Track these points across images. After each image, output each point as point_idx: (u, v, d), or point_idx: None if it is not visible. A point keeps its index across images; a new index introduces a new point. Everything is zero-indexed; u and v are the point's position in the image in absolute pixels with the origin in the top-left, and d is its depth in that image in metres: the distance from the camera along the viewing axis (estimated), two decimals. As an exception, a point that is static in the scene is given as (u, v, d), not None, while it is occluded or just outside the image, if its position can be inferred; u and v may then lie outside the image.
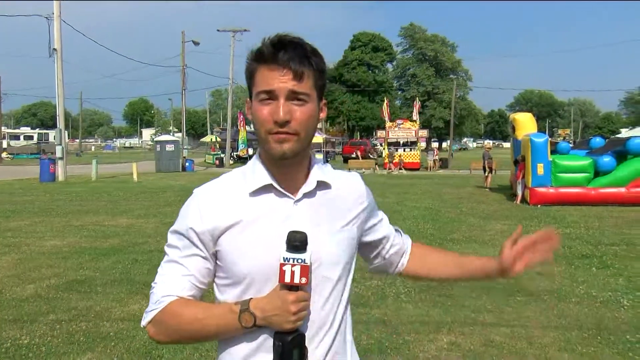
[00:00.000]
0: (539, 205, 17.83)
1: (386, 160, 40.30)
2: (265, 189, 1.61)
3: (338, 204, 1.70)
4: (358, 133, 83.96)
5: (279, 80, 1.52)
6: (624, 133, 40.20)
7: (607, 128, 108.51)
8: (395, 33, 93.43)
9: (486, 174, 25.40)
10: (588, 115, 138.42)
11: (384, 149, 43.21)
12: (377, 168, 41.01)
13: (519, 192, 19.25)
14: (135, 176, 28.83)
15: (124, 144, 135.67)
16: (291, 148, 1.55)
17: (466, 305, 6.78)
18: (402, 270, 2.01)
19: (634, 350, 5.40)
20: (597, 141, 22.31)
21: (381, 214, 1.95)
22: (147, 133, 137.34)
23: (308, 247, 1.51)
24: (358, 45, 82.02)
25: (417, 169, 40.83)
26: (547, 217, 15.28)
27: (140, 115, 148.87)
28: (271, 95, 1.53)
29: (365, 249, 1.90)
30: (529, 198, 18.39)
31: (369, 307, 6.53)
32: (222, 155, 47.76)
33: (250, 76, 1.59)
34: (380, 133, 44.78)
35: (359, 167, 39.75)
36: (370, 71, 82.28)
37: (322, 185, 1.67)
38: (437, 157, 44.02)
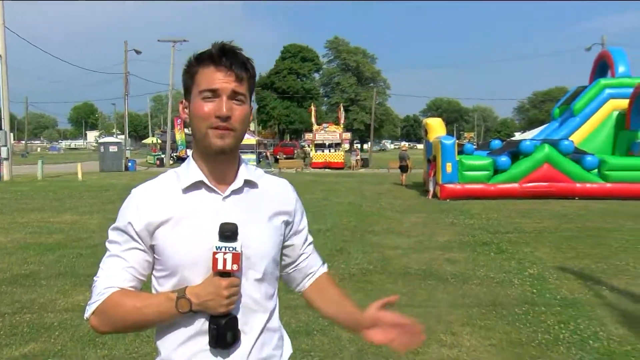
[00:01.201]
0: (448, 200, 18.15)
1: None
2: (197, 185, 1.61)
3: (265, 202, 1.69)
4: (288, 135, 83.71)
5: (223, 80, 1.54)
6: (517, 136, 41.51)
7: (504, 132, 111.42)
8: (321, 45, 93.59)
9: (401, 173, 25.79)
10: (489, 121, 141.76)
11: (311, 149, 43.33)
12: (304, 168, 41.00)
13: (431, 188, 19.55)
14: (79, 176, 27.76)
15: (69, 146, 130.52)
16: (229, 143, 1.57)
17: (384, 290, 6.88)
18: (302, 291, 1.96)
19: (520, 320, 5.69)
20: (496, 143, 22.98)
21: (307, 234, 1.91)
22: (91, 135, 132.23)
23: (238, 237, 1.51)
24: (288, 56, 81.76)
25: (342, 168, 40.92)
26: (455, 209, 15.58)
27: (84, 119, 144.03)
28: (215, 94, 1.54)
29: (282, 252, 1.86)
30: (439, 193, 18.68)
31: (297, 293, 6.56)
32: (163, 156, 46.89)
33: (191, 77, 1.60)
34: (308, 135, 44.74)
35: (290, 166, 39.74)
36: (299, 79, 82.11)
37: (249, 183, 1.67)
38: (359, 157, 44.21)
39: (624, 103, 21.71)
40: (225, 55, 1.56)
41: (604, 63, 24.89)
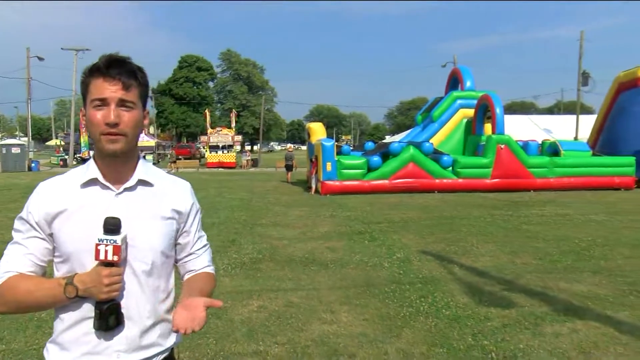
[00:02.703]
0: (328, 195, 18.40)
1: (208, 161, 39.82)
2: (93, 182, 1.60)
3: (158, 200, 1.67)
4: (185, 138, 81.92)
5: (110, 90, 1.53)
6: (388, 139, 42.84)
7: (376, 135, 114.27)
8: (215, 56, 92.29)
9: (287, 171, 25.91)
10: (363, 125, 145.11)
11: (206, 151, 42.70)
12: (200, 168, 40.33)
13: (313, 185, 19.69)
14: (-19, 176, 25.64)
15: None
16: (121, 147, 1.55)
17: (272, 276, 6.92)
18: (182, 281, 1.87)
19: (389, 297, 5.91)
20: (369, 145, 23.48)
21: (198, 237, 1.83)
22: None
23: (122, 231, 1.51)
24: (185, 65, 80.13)
25: (234, 168, 40.58)
26: (334, 203, 15.80)
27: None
28: (104, 102, 1.53)
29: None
30: (320, 189, 18.90)
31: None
32: (66, 157, 44.51)
33: (86, 87, 1.57)
34: (203, 138, 44.23)
35: (186, 166, 39.10)
36: (195, 87, 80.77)
37: (143, 182, 1.66)
38: (249, 158, 44.05)
39: (471, 112, 23.06)
40: (112, 66, 1.55)
41: (456, 78, 26.26)
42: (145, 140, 49.18)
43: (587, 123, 31.46)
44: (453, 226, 11.15)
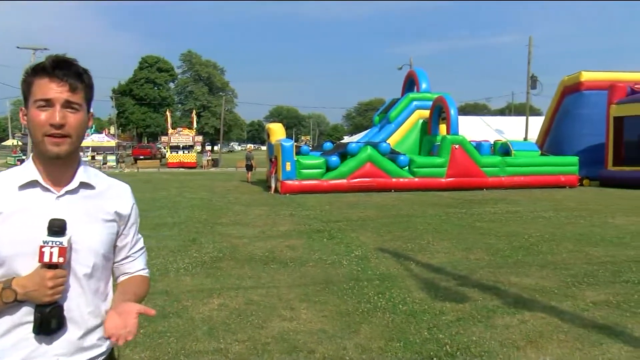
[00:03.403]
0: (287, 194, 18.37)
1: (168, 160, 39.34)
2: (32, 184, 1.54)
3: (99, 203, 1.63)
4: (145, 138, 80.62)
5: (56, 90, 1.48)
6: (346, 139, 43.06)
7: (335, 135, 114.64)
8: (176, 57, 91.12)
9: (247, 171, 25.80)
10: (322, 126, 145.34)
11: (167, 151, 42.21)
12: (161, 168, 39.82)
13: (273, 184, 19.62)
14: None
15: None
16: (65, 149, 1.50)
17: (232, 275, 6.87)
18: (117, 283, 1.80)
19: (347, 294, 5.95)
20: (328, 145, 23.63)
21: (136, 240, 1.78)
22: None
23: (67, 233, 1.46)
24: (146, 66, 78.81)
25: (194, 167, 40.22)
26: (293, 202, 15.80)
27: None
28: (49, 103, 1.48)
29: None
30: (280, 189, 18.86)
31: (153, 281, 6.25)
32: (24, 157, 43.20)
33: (28, 87, 1.52)
34: (164, 138, 43.82)
35: (147, 166, 38.53)
36: (156, 88, 79.62)
37: (85, 185, 1.60)
38: (210, 158, 43.73)
39: (426, 113, 23.41)
40: (58, 67, 1.50)
41: (412, 80, 26.61)
42: (105, 140, 48.24)
43: (536, 124, 32.35)
44: (409, 224, 11.29)
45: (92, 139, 47.94)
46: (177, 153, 40.65)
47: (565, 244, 8.97)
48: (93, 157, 40.43)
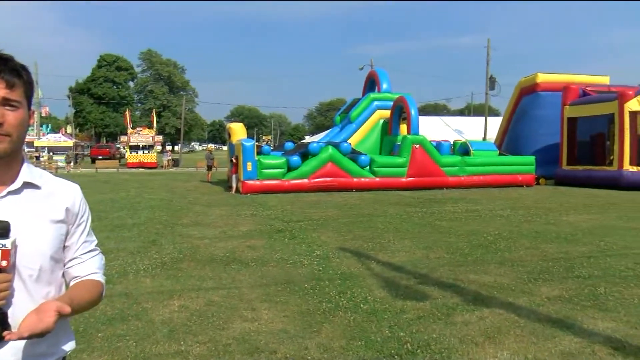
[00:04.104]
0: (248, 194, 18.28)
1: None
2: None
3: (45, 203, 1.56)
4: (104, 138, 79.09)
5: None
6: (307, 139, 43.19)
7: (296, 135, 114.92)
8: (136, 56, 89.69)
9: (208, 171, 25.60)
10: (283, 126, 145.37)
11: (126, 151, 41.61)
12: (120, 168, 39.17)
13: (234, 184, 19.58)
14: None
15: None
16: (4, 148, 1.45)
17: (193, 276, 6.80)
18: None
19: (308, 294, 5.95)
20: (289, 145, 23.67)
21: (84, 241, 1.69)
22: None
23: (11, 235, 1.40)
24: (104, 64, 77.56)
25: (155, 168, 39.77)
26: (255, 203, 15.73)
27: None
28: None
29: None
30: (241, 189, 18.77)
31: (112, 283, 6.26)
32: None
33: None
34: (123, 138, 43.23)
35: (106, 166, 37.87)
36: (115, 87, 78.37)
37: (29, 185, 1.54)
38: (170, 158, 43.33)
39: (387, 113, 23.65)
40: None
41: (373, 80, 26.84)
42: (62, 140, 47.14)
43: (495, 125, 33.09)
44: (370, 223, 11.38)
45: (48, 139, 46.75)
46: (137, 153, 40.20)
47: (522, 241, 9.19)
48: (37, 157, 39.54)
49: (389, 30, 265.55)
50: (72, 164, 39.26)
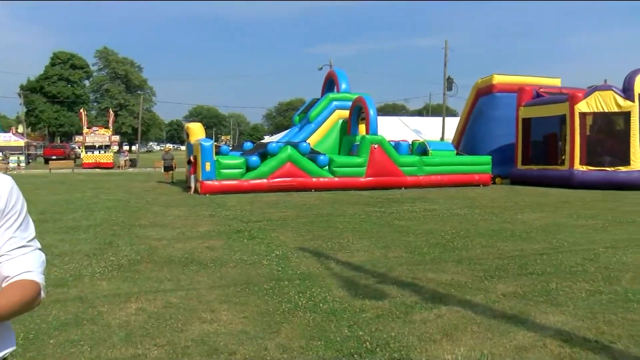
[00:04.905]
0: (207, 195, 18.13)
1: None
2: None
3: None
4: (59, 138, 77.06)
5: None
6: (266, 139, 43.08)
7: (255, 135, 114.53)
8: (91, 54, 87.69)
9: (165, 171, 25.23)
10: (242, 126, 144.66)
11: (81, 151, 40.79)
12: (75, 168, 38.29)
13: (192, 185, 19.38)
14: None
15: None
16: None
17: (151, 277, 6.71)
18: None
19: (268, 294, 5.94)
20: (248, 145, 23.55)
21: (12, 236, 1.57)
22: None
23: None
24: (58, 62, 75.51)
25: (111, 168, 39.14)
26: (213, 203, 15.61)
27: None
28: None
29: None
30: (200, 189, 18.60)
31: (67, 287, 6.12)
32: None
33: None
34: (79, 138, 42.36)
35: (60, 167, 36.99)
36: (69, 85, 76.42)
37: None
38: (127, 158, 42.57)
39: (346, 113, 23.80)
40: None
41: (332, 80, 26.95)
42: (13, 140, 45.78)
43: (452, 125, 33.69)
44: (329, 223, 11.43)
45: (-3, 138, 45.29)
46: (93, 153, 39.56)
47: (478, 239, 9.39)
48: None
49: (349, 31, 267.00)
50: (23, 164, 38.16)
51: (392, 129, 34.37)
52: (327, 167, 20.02)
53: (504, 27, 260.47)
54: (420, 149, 22.36)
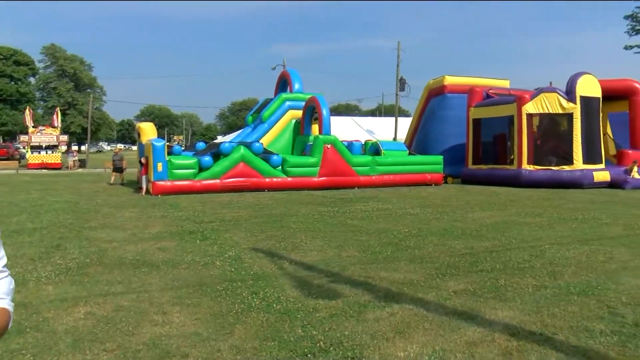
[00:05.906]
0: (159, 195, 17.84)
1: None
2: None
3: None
4: (0, 137, 74.21)
5: None
6: (219, 139, 42.64)
7: (208, 135, 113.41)
8: (37, 50, 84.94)
9: (113, 171, 24.65)
10: (195, 125, 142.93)
11: (27, 151, 39.39)
12: (20, 169, 37.00)
13: (144, 185, 19.05)
14: None
15: None
16: None
17: (100, 281, 6.53)
18: None
19: (221, 295, 5.87)
20: (201, 145, 23.27)
21: None
22: None
23: None
24: (0, 58, 72.59)
25: (59, 169, 37.92)
26: (165, 204, 15.38)
27: None
28: None
29: None
30: (151, 190, 18.29)
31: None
32: None
33: None
34: (24, 138, 40.86)
35: (3, 167, 35.67)
36: (13, 83, 73.62)
37: None
38: (76, 158, 41.35)
39: (299, 113, 23.84)
40: None
41: (285, 80, 26.95)
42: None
43: (405, 125, 34.16)
44: (283, 223, 11.41)
45: None
46: (40, 153, 38.19)
47: (430, 238, 9.55)
48: None
49: (302, 31, 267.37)
50: None
51: (345, 129, 34.59)
52: (280, 167, 19.98)
53: (455, 29, 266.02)
54: (373, 149, 22.58)
